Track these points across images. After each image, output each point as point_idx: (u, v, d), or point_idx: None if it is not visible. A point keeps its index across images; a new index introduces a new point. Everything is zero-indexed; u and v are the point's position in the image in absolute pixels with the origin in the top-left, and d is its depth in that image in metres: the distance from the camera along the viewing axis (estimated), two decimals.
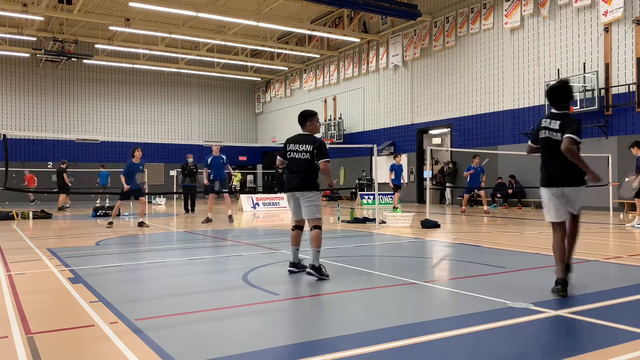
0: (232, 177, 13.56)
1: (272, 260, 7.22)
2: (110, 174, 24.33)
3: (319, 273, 5.59)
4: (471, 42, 20.92)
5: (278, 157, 6.15)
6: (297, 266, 6.01)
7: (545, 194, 4.95)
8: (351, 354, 3.17)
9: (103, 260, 7.40)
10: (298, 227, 6.08)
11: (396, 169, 16.99)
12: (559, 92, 5.03)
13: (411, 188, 23.84)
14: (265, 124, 36.32)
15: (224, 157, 14.08)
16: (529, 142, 5.30)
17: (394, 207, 17.05)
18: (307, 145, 5.87)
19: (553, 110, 5.02)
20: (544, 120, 5.04)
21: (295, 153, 5.91)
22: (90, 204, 22.79)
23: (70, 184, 21.43)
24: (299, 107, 31.97)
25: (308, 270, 5.64)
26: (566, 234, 4.96)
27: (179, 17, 24.91)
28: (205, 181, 13.87)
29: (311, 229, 5.87)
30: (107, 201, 23.10)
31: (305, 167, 5.88)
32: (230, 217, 13.68)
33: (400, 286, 5.27)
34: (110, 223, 12.66)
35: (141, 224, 12.41)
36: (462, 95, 21.42)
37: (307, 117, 6.06)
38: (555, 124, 4.87)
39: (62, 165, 20.90)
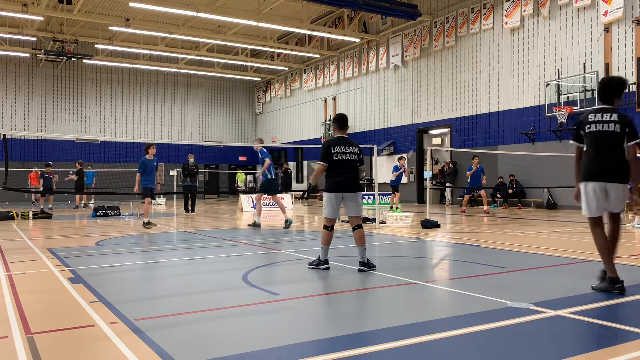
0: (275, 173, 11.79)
1: (272, 260, 7.22)
2: (96, 174, 24.29)
3: (370, 266, 6.10)
4: (471, 42, 20.92)
5: (321, 163, 6.22)
6: (367, 265, 6.16)
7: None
8: (351, 354, 3.17)
9: (103, 260, 7.40)
10: (333, 227, 6.32)
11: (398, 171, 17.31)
12: (609, 86, 4.91)
13: (411, 188, 23.85)
14: (265, 124, 36.32)
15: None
16: (574, 142, 5.01)
17: (391, 207, 17.08)
18: (354, 148, 6.28)
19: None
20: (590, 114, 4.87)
21: (344, 155, 6.18)
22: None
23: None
24: (299, 107, 32.02)
25: (360, 267, 6.08)
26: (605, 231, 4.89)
27: (179, 17, 24.92)
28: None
29: (356, 229, 6.20)
30: (93, 201, 23.49)
31: (355, 168, 6.24)
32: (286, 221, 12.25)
33: (400, 286, 5.27)
34: (149, 223, 12.17)
35: (147, 224, 12.14)
36: (462, 95, 21.42)
37: (347, 122, 6.53)
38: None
39: (79, 166, 21.40)
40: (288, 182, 27.28)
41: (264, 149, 12.34)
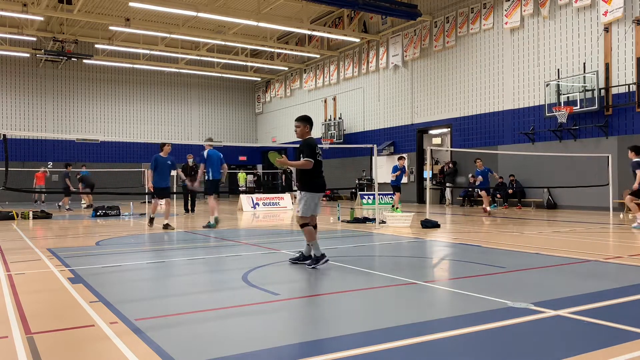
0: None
1: (272, 260, 7.22)
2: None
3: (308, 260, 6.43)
4: (471, 42, 20.93)
5: (309, 160, 6.30)
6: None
7: None
8: (351, 354, 3.16)
9: (103, 260, 7.40)
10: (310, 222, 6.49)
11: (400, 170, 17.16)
12: None
13: (411, 188, 23.86)
14: (265, 124, 36.33)
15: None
16: None
17: (392, 207, 17.05)
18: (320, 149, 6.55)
19: None
20: None
21: (319, 156, 6.45)
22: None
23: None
24: (299, 107, 32.03)
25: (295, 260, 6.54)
26: None
27: (179, 17, 24.92)
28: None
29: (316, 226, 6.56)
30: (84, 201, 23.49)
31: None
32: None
33: (400, 286, 5.27)
34: (151, 220, 12.05)
35: (166, 226, 11.70)
36: (462, 95, 21.43)
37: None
38: None
39: (82, 168, 22.01)
40: (289, 183, 27.36)
41: (204, 153, 12.18)
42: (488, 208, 16.45)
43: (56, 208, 20.49)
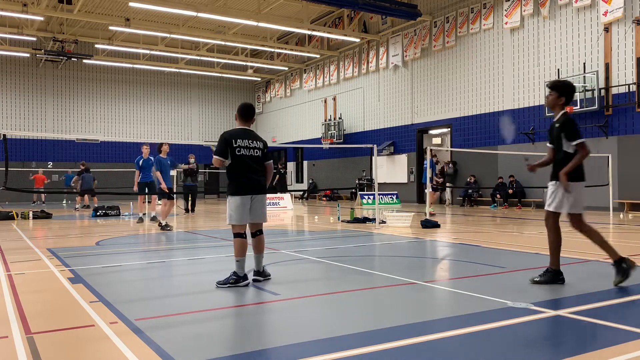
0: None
1: (272, 260, 7.21)
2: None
3: (265, 276, 5.59)
4: (471, 42, 20.92)
5: (217, 157, 5.35)
6: (263, 274, 5.59)
7: None
8: (351, 354, 3.16)
9: (103, 260, 7.40)
10: (245, 233, 5.46)
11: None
12: None
13: (411, 188, 23.86)
14: (265, 124, 36.32)
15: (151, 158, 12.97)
16: None
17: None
18: (259, 143, 5.50)
19: None
20: None
21: (247, 150, 5.38)
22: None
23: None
24: (299, 107, 32.06)
25: (255, 277, 5.51)
26: None
27: (179, 17, 24.93)
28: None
29: (258, 234, 5.56)
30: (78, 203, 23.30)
31: (262, 165, 5.51)
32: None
33: (400, 286, 5.27)
34: (167, 225, 11.61)
35: (166, 226, 11.57)
36: (462, 95, 21.42)
37: (253, 113, 5.66)
38: None
39: (82, 167, 21.80)
40: (283, 182, 27.30)
41: (150, 158, 12.61)
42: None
43: (62, 208, 20.49)
